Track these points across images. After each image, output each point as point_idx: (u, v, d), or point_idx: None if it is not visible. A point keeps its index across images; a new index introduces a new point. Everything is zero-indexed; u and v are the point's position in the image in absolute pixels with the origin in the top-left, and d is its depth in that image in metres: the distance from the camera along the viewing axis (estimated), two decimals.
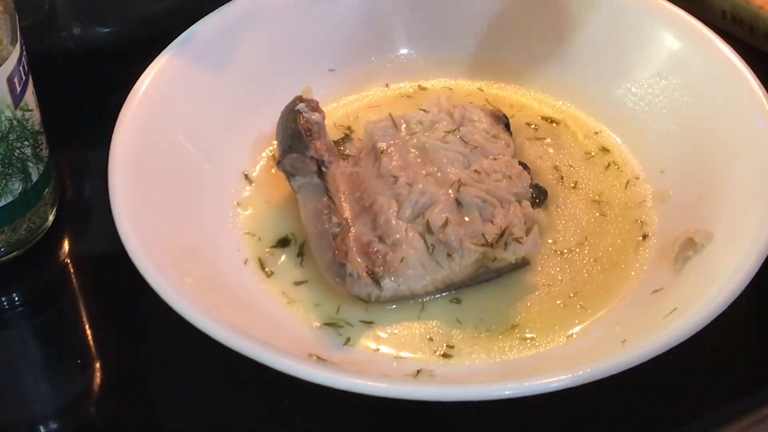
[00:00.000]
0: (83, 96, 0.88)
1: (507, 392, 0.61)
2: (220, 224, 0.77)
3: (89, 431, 0.70)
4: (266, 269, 0.74)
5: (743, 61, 0.79)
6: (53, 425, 0.70)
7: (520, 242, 0.72)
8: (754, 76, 0.78)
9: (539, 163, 0.81)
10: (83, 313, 0.76)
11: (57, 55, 0.86)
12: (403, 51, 0.89)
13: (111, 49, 0.86)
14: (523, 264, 0.74)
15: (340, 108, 0.86)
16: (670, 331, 0.64)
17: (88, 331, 0.74)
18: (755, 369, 0.71)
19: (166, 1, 0.86)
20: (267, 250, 0.76)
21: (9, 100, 0.70)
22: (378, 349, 0.70)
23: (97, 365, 0.73)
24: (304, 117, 0.76)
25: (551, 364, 0.67)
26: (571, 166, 0.81)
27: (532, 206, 0.75)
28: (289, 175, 0.75)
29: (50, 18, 0.83)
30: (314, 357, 0.66)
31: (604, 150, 0.82)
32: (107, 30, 0.86)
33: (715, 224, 0.72)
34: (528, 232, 0.73)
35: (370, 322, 0.71)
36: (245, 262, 0.75)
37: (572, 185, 0.79)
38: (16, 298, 0.77)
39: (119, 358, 0.73)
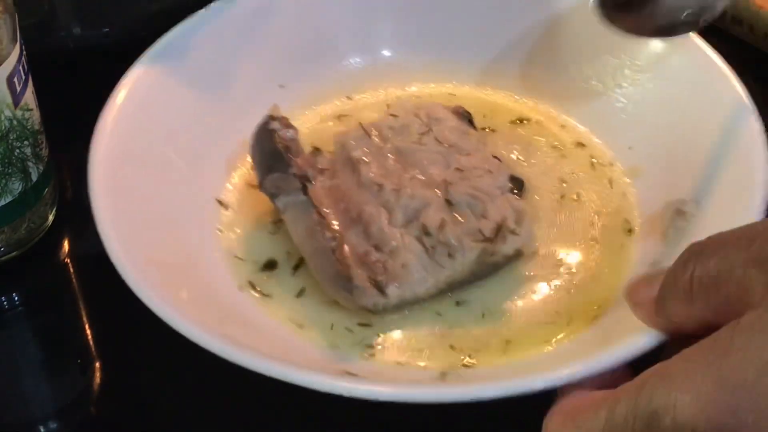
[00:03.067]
0: (83, 96, 0.88)
1: (507, 392, 0.61)
2: (209, 245, 0.75)
3: (89, 431, 0.70)
4: (261, 290, 0.73)
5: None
6: (53, 425, 0.70)
7: (515, 234, 0.72)
8: (714, 50, 0.77)
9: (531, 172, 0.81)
10: (83, 313, 0.76)
11: (57, 55, 0.86)
12: (355, 60, 0.88)
13: (111, 49, 0.86)
14: (516, 256, 0.74)
15: (301, 125, 0.81)
16: None
17: (88, 331, 0.75)
18: None
19: (166, 1, 0.86)
20: (259, 272, 0.74)
21: (9, 99, 0.70)
22: (398, 360, 0.69)
23: (97, 365, 0.73)
24: (279, 135, 0.74)
25: (551, 363, 0.67)
26: (574, 176, 0.80)
27: None
28: (273, 196, 0.73)
29: (50, 18, 0.83)
30: (343, 372, 0.65)
31: (580, 145, 0.82)
32: (107, 30, 0.86)
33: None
34: (519, 223, 0.73)
35: (376, 330, 0.71)
36: (239, 289, 0.73)
37: (574, 198, 0.79)
38: (16, 298, 0.77)
39: (119, 358, 0.73)
